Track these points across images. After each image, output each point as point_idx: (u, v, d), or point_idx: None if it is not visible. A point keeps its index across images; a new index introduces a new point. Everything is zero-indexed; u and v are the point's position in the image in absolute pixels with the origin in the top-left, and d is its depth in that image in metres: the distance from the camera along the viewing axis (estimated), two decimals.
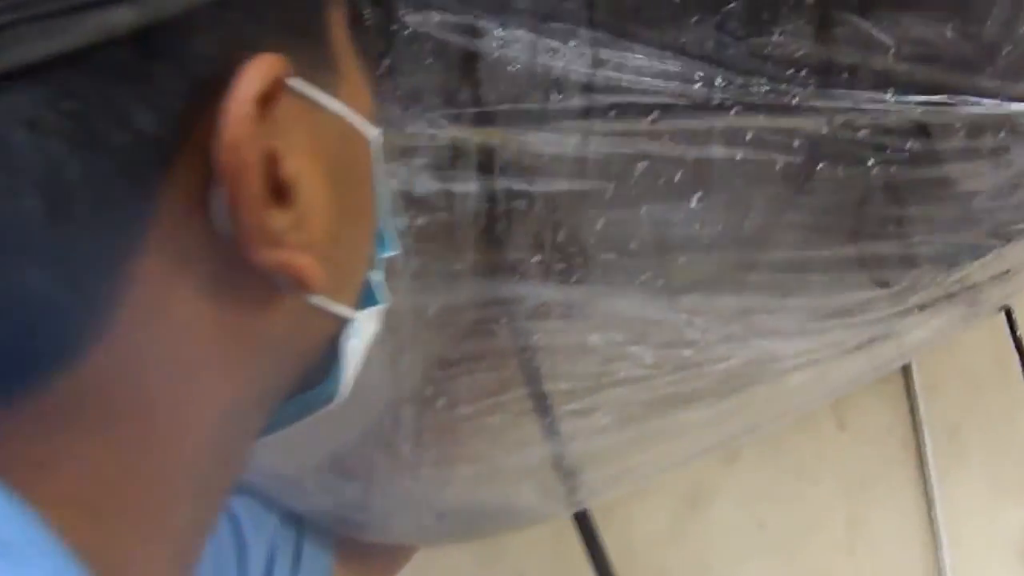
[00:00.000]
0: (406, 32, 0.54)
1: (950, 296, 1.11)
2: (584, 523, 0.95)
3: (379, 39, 0.54)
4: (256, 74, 0.25)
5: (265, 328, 0.29)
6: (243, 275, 0.27)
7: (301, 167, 0.27)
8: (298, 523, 0.61)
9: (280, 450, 0.62)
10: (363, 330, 0.34)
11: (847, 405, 1.49)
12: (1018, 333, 1.39)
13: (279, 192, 0.27)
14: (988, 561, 1.51)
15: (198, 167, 0.25)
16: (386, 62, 0.56)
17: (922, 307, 1.11)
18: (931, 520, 1.50)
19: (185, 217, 0.26)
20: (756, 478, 1.45)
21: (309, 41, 0.28)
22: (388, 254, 0.40)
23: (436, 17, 0.55)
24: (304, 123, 0.28)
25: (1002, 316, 1.38)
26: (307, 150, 0.27)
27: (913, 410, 1.50)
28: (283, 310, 0.29)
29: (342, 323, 0.33)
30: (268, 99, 0.26)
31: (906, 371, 1.52)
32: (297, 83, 0.27)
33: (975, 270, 1.05)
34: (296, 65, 0.27)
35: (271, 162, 0.26)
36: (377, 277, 0.36)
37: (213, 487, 0.31)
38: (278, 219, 0.27)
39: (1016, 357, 1.40)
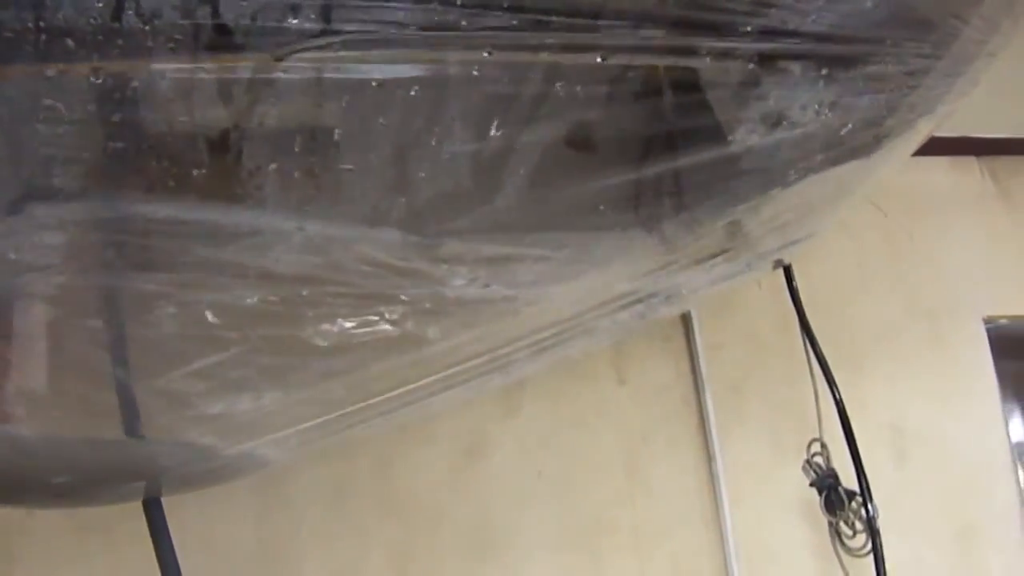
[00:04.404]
0: None
1: (725, 250, 1.10)
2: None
3: None
4: None
5: None
6: None
7: None
8: None
9: None
10: None
11: (627, 360, 1.49)
12: (795, 284, 1.40)
13: None
14: (768, 516, 1.54)
15: None
16: None
17: (699, 260, 1.10)
18: (712, 475, 1.51)
19: None
20: (535, 428, 1.43)
21: None
22: None
23: None
24: None
25: (781, 276, 1.39)
26: None
27: (695, 368, 1.50)
28: None
29: None
30: None
31: (688, 329, 1.53)
32: None
33: (747, 218, 1.03)
34: None
35: None
36: None
37: None
38: None
39: (796, 319, 1.42)
